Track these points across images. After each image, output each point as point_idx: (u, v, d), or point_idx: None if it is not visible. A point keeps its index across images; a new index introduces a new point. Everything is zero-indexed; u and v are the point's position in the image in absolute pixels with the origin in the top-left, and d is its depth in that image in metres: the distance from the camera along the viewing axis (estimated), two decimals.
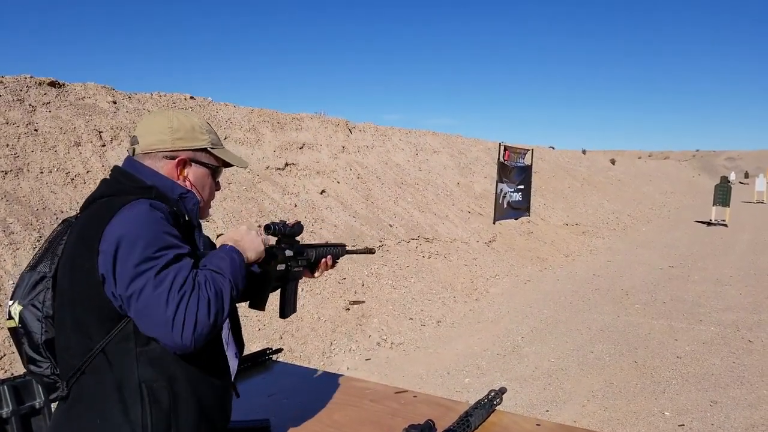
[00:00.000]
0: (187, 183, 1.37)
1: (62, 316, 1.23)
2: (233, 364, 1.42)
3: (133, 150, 1.35)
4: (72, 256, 1.21)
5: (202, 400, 1.26)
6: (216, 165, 1.43)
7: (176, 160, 1.35)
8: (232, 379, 1.42)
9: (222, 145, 1.46)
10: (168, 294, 1.12)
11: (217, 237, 1.45)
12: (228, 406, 1.40)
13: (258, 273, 1.57)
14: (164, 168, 1.34)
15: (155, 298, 1.12)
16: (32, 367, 1.28)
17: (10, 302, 1.28)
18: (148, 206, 1.19)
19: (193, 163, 1.38)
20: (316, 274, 1.74)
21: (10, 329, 1.29)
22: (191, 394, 1.23)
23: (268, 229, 1.54)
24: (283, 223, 1.57)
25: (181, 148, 1.35)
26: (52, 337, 1.25)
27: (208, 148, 1.40)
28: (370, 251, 2.01)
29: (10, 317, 1.27)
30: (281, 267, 1.58)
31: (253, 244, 1.39)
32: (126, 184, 1.30)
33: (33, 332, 1.25)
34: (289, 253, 1.60)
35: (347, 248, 1.86)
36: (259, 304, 1.58)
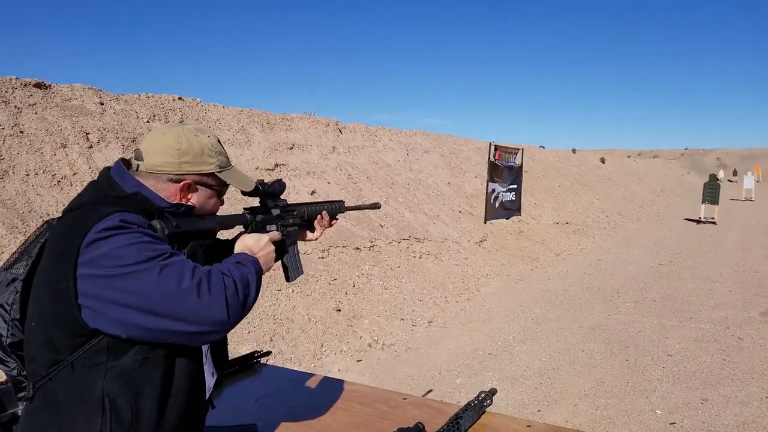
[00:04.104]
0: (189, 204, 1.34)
1: (31, 327, 1.20)
2: (209, 382, 1.38)
3: (137, 166, 1.30)
4: (46, 272, 1.18)
5: (169, 417, 1.22)
6: (221, 187, 1.40)
7: (181, 183, 1.30)
8: (207, 396, 1.38)
9: (230, 166, 1.41)
10: (181, 281, 1.13)
11: (237, 236, 1.48)
12: (200, 424, 1.37)
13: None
14: (167, 190, 1.30)
15: (169, 289, 1.11)
16: (0, 366, 1.26)
17: None
18: (118, 221, 1.15)
19: (198, 187, 1.34)
20: (315, 234, 1.69)
21: None
22: (156, 411, 1.19)
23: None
24: (261, 181, 1.51)
25: (186, 172, 1.30)
26: (18, 340, 1.22)
27: (216, 173, 1.36)
28: (374, 206, 1.96)
29: None
30: (271, 227, 1.52)
31: (264, 251, 1.41)
32: (105, 193, 1.26)
33: (0, 334, 1.22)
34: (275, 211, 1.54)
35: (346, 205, 1.80)
36: None
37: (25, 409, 1.25)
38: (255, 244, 1.41)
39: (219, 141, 1.41)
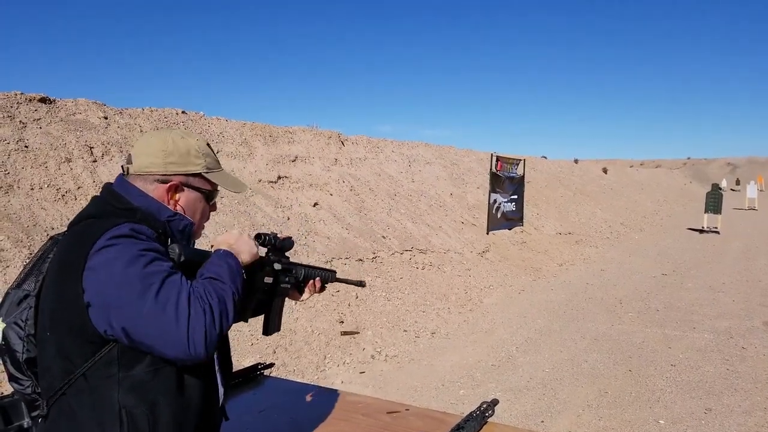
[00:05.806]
0: (178, 207, 1.35)
1: (44, 338, 1.21)
2: (220, 392, 1.40)
3: (127, 169, 1.33)
4: (55, 280, 1.20)
5: (185, 426, 1.24)
6: (210, 189, 1.41)
7: (168, 184, 1.33)
8: (220, 403, 1.39)
9: (219, 168, 1.43)
10: (175, 310, 1.12)
11: (211, 246, 1.46)
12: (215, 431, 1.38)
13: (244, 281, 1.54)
14: (155, 191, 1.32)
15: (160, 316, 1.12)
16: (14, 385, 1.27)
17: None
18: (128, 230, 1.18)
19: (185, 188, 1.35)
20: (303, 297, 1.68)
21: None
22: (173, 421, 1.21)
23: (259, 238, 1.49)
24: (275, 235, 1.53)
25: (173, 173, 1.33)
26: (34, 356, 1.23)
27: (203, 174, 1.37)
28: (360, 284, 1.92)
29: None
30: (268, 279, 1.52)
31: (246, 246, 1.39)
32: (112, 205, 1.28)
33: (15, 350, 1.24)
34: (277, 266, 1.54)
35: (338, 276, 1.80)
36: (241, 314, 1.49)
37: (39, 429, 1.25)
38: (230, 238, 1.40)
39: (208, 145, 1.43)
